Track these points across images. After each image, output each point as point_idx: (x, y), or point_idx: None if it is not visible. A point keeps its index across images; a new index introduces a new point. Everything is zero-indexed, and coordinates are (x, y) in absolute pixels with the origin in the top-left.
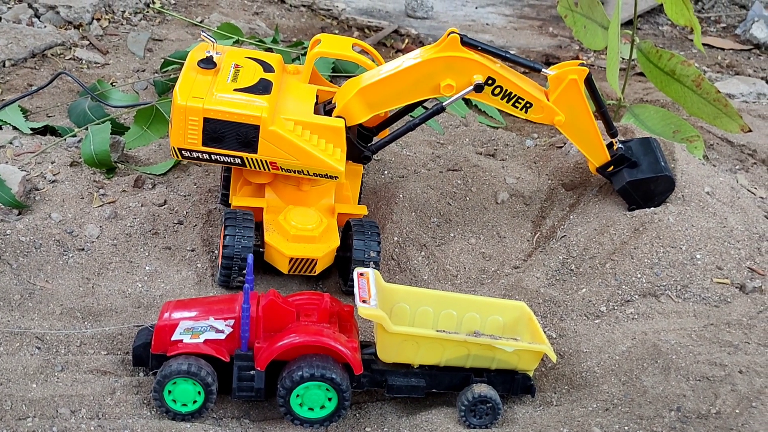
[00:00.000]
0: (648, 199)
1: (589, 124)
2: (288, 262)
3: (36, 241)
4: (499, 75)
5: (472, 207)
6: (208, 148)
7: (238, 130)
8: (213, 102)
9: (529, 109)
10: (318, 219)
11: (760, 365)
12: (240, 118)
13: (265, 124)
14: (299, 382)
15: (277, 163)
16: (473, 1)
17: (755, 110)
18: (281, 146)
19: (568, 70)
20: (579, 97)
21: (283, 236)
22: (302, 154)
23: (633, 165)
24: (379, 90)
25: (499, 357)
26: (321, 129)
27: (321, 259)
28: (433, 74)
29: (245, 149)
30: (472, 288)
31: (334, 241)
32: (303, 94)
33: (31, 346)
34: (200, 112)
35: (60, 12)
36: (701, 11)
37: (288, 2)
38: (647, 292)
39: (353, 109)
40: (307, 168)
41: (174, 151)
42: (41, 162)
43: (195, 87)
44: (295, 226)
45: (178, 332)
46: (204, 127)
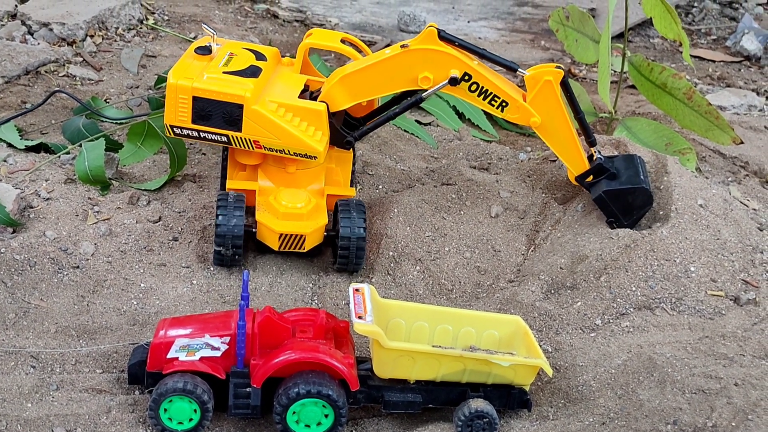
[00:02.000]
0: (626, 212)
1: (566, 128)
2: (278, 238)
3: (30, 259)
4: (475, 71)
5: (467, 221)
6: (197, 126)
7: (223, 108)
8: (202, 82)
9: (505, 108)
10: (307, 198)
11: (756, 377)
12: (225, 97)
13: (248, 104)
14: (295, 399)
15: (260, 142)
16: (465, 15)
17: (746, 122)
18: (263, 125)
19: (544, 72)
20: (554, 99)
21: (273, 214)
22: (283, 133)
23: (612, 176)
24: (360, 78)
25: (495, 372)
26: (303, 111)
27: (309, 235)
28: (410, 66)
29: (230, 128)
30: (467, 302)
31: (322, 219)
32: (291, 82)
33: (26, 365)
34: (189, 90)
35: (53, 29)
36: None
37: (281, 18)
38: (642, 305)
39: (335, 96)
40: (288, 147)
41: (167, 128)
42: (35, 180)
43: (188, 70)
44: (284, 204)
45: (173, 350)
46: (193, 105)
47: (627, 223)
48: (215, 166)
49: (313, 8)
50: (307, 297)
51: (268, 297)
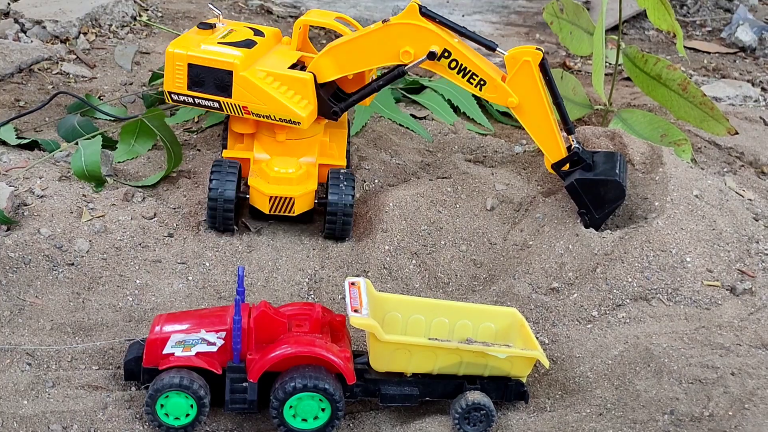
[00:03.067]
0: (597, 205)
1: (543, 111)
2: (268, 201)
3: (25, 257)
4: (455, 48)
5: (462, 214)
6: (192, 92)
7: (215, 75)
8: (197, 51)
9: (483, 86)
10: (298, 165)
11: (752, 367)
12: (216, 63)
13: (237, 70)
14: (292, 393)
15: (248, 108)
16: (460, 9)
17: (741, 113)
18: (251, 92)
19: (523, 52)
20: (532, 80)
21: (264, 179)
22: (268, 99)
23: (588, 167)
24: (346, 51)
25: (492, 364)
26: (290, 80)
27: (298, 198)
28: (392, 40)
29: (222, 93)
30: (463, 295)
31: (312, 184)
32: (285, 56)
33: (22, 363)
34: (185, 58)
35: (46, 27)
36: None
37: (275, 13)
38: (638, 296)
39: (322, 66)
40: (273, 113)
41: (165, 94)
42: (29, 177)
43: (187, 41)
44: (275, 170)
45: (169, 345)
46: (188, 72)
47: (598, 217)
48: (210, 162)
49: (308, 3)
50: (303, 291)
51: (264, 292)
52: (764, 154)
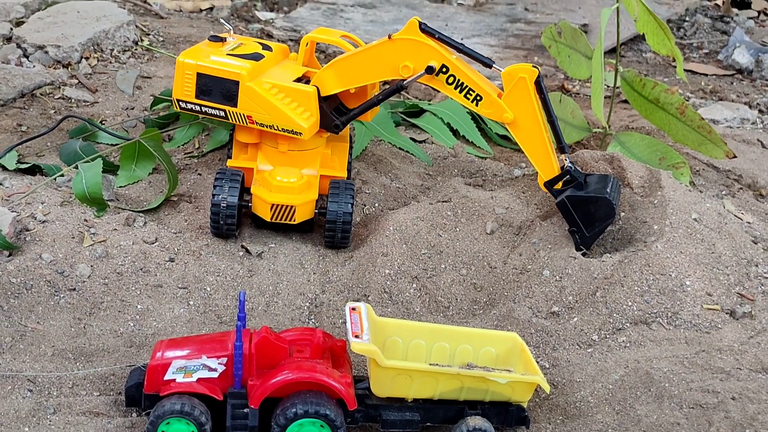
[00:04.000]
0: (588, 223)
1: (537, 128)
2: (269, 208)
3: (27, 282)
4: (452, 64)
5: (462, 238)
6: (199, 101)
7: (222, 84)
8: (206, 61)
9: (479, 102)
10: (299, 175)
11: (753, 391)
12: (224, 74)
13: (243, 81)
14: (293, 419)
15: (252, 117)
16: (459, 32)
17: (739, 135)
18: (256, 102)
19: (519, 69)
20: (527, 98)
21: (266, 187)
22: (272, 109)
23: (579, 186)
24: (348, 65)
25: (493, 389)
26: (294, 93)
27: (299, 206)
28: (392, 55)
29: (228, 103)
30: (464, 319)
31: (313, 193)
32: (290, 70)
33: (23, 389)
34: (194, 67)
35: (48, 51)
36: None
37: (275, 37)
38: (638, 320)
39: (325, 80)
40: (276, 123)
41: (174, 102)
42: (31, 202)
43: (198, 52)
44: (278, 179)
45: (170, 371)
46: (197, 81)
47: (588, 236)
48: (211, 186)
49: (307, 27)
50: (304, 316)
51: (265, 317)
52: (762, 177)
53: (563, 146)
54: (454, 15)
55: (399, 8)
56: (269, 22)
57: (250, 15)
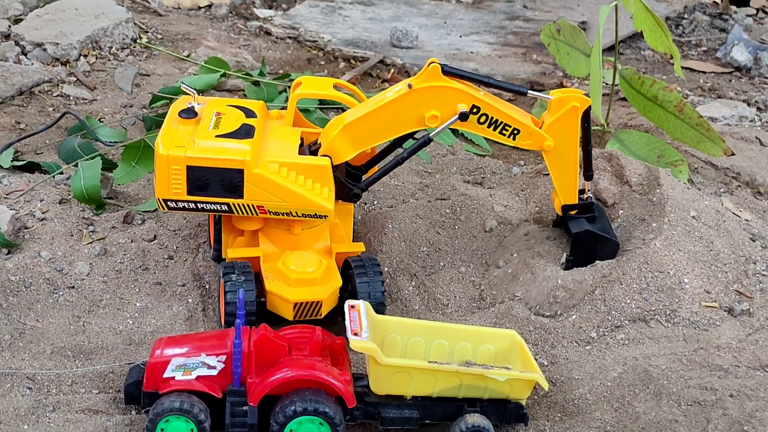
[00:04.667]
0: (588, 256)
1: (574, 157)
2: (293, 307)
3: (26, 280)
4: (483, 102)
5: (461, 236)
6: (193, 197)
7: (222, 175)
8: (195, 150)
9: (516, 135)
10: (317, 260)
11: (751, 388)
12: (223, 163)
13: (249, 168)
14: (292, 416)
15: (264, 207)
16: (457, 30)
17: (738, 133)
18: (267, 189)
19: (572, 96)
20: (574, 126)
21: (284, 282)
22: (289, 195)
23: (592, 219)
24: (364, 125)
25: (492, 386)
26: (306, 169)
27: (326, 300)
28: (416, 106)
29: (231, 195)
30: (463, 317)
31: (336, 281)
32: (287, 137)
33: (22, 387)
34: (183, 160)
35: (47, 49)
36: (682, 35)
37: (274, 35)
38: (637, 318)
39: (338, 147)
40: (296, 209)
41: (159, 202)
42: (30, 200)
43: (177, 136)
44: (295, 270)
45: (169, 369)
46: (188, 176)
47: (579, 265)
48: None
49: (306, 25)
50: None
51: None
52: (760, 174)
53: (590, 174)
54: (452, 12)
55: (398, 5)
56: (268, 20)
57: (249, 12)
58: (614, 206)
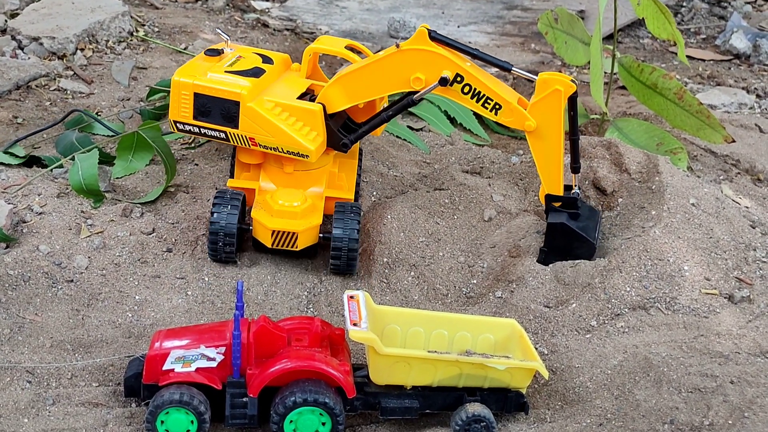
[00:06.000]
0: (562, 252)
1: (557, 143)
2: (270, 234)
3: (24, 274)
4: (467, 73)
5: (460, 225)
6: (198, 122)
7: (222, 105)
8: (203, 79)
9: (498, 110)
10: (303, 198)
11: (751, 375)
12: (223, 93)
13: (244, 101)
14: (292, 407)
15: (255, 139)
16: (455, 20)
17: (737, 120)
18: (258, 123)
19: (557, 80)
20: (557, 110)
21: (267, 211)
22: (276, 131)
23: (575, 216)
24: (355, 79)
25: (492, 375)
26: (299, 111)
27: (302, 233)
28: (402, 67)
29: (228, 124)
30: (462, 307)
31: (316, 218)
32: (294, 84)
33: (22, 381)
34: (191, 87)
35: (43, 43)
36: (681, 23)
37: (271, 27)
38: (637, 305)
39: (332, 96)
40: (281, 145)
41: (171, 123)
42: (28, 194)
43: (194, 69)
44: (279, 203)
45: (169, 361)
46: (194, 102)
47: (553, 260)
48: (208, 176)
49: (303, 17)
50: (302, 305)
51: (263, 306)
52: (760, 161)
53: (577, 166)
54: (450, 2)
55: None
56: (265, 12)
57: (246, 4)
58: (613, 194)
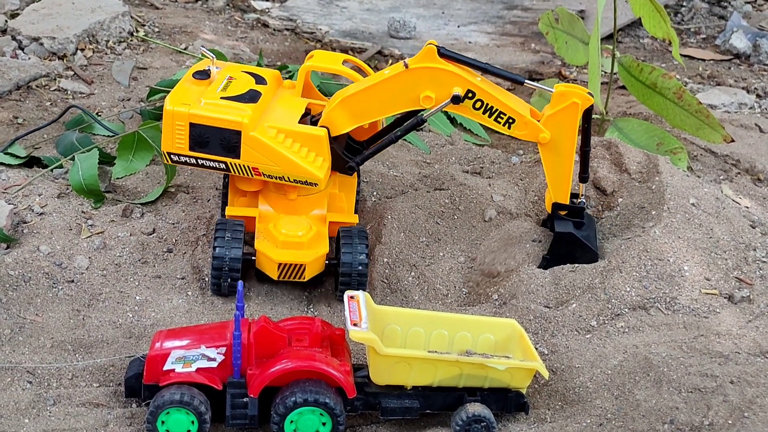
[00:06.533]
0: (564, 258)
1: (569, 155)
2: (277, 267)
3: (25, 275)
4: (479, 88)
5: (461, 225)
6: (194, 153)
7: (221, 135)
8: (199, 108)
9: (512, 125)
10: (308, 226)
11: (751, 375)
12: (222, 123)
13: (246, 130)
14: (293, 407)
15: (259, 169)
16: (455, 20)
17: (737, 120)
18: (262, 152)
19: (575, 93)
20: (572, 122)
21: (272, 243)
22: (282, 160)
23: (579, 225)
24: (361, 100)
25: (492, 375)
26: (303, 137)
27: (309, 264)
28: (411, 86)
29: (229, 154)
30: (462, 307)
31: (323, 247)
32: (292, 106)
33: (23, 381)
34: (186, 117)
35: (44, 43)
36: (681, 23)
37: (271, 27)
38: (637, 305)
39: (335, 119)
40: (288, 174)
41: (164, 155)
42: (28, 195)
43: (185, 95)
44: (284, 233)
45: (169, 362)
46: (190, 132)
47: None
48: (208, 176)
49: (303, 16)
50: (303, 305)
51: (264, 306)
52: (760, 161)
53: (586, 176)
54: (450, 2)
55: None
56: (265, 12)
57: (246, 5)
58: (613, 194)
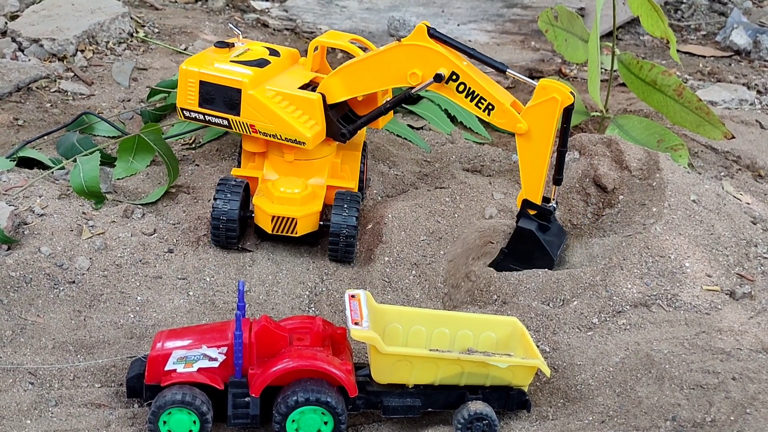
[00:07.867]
0: (520, 259)
1: (544, 150)
2: (270, 220)
3: (26, 276)
4: (463, 72)
5: (461, 224)
6: (203, 109)
7: (225, 92)
8: (209, 68)
9: (491, 111)
10: (303, 186)
11: (753, 371)
12: (226, 81)
13: (245, 89)
14: (294, 407)
15: (255, 126)
16: (455, 18)
17: (737, 116)
18: (258, 110)
19: (556, 89)
20: (551, 118)
21: (268, 198)
22: (275, 118)
23: (545, 228)
24: (354, 71)
25: (494, 373)
26: (299, 101)
27: (301, 219)
28: (400, 62)
29: (231, 111)
30: (463, 305)
31: (316, 205)
32: (297, 76)
33: (24, 382)
34: (197, 75)
35: (44, 45)
36: (681, 19)
37: (271, 26)
38: (638, 303)
39: (332, 87)
40: (279, 132)
41: (178, 111)
42: (29, 196)
43: (202, 59)
44: (281, 190)
45: (171, 362)
46: (200, 89)
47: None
48: (209, 177)
49: (303, 16)
50: (304, 305)
51: (265, 306)
52: (761, 158)
53: (560, 178)
54: (450, 1)
55: None
56: (265, 12)
57: (246, 5)
58: (614, 191)
